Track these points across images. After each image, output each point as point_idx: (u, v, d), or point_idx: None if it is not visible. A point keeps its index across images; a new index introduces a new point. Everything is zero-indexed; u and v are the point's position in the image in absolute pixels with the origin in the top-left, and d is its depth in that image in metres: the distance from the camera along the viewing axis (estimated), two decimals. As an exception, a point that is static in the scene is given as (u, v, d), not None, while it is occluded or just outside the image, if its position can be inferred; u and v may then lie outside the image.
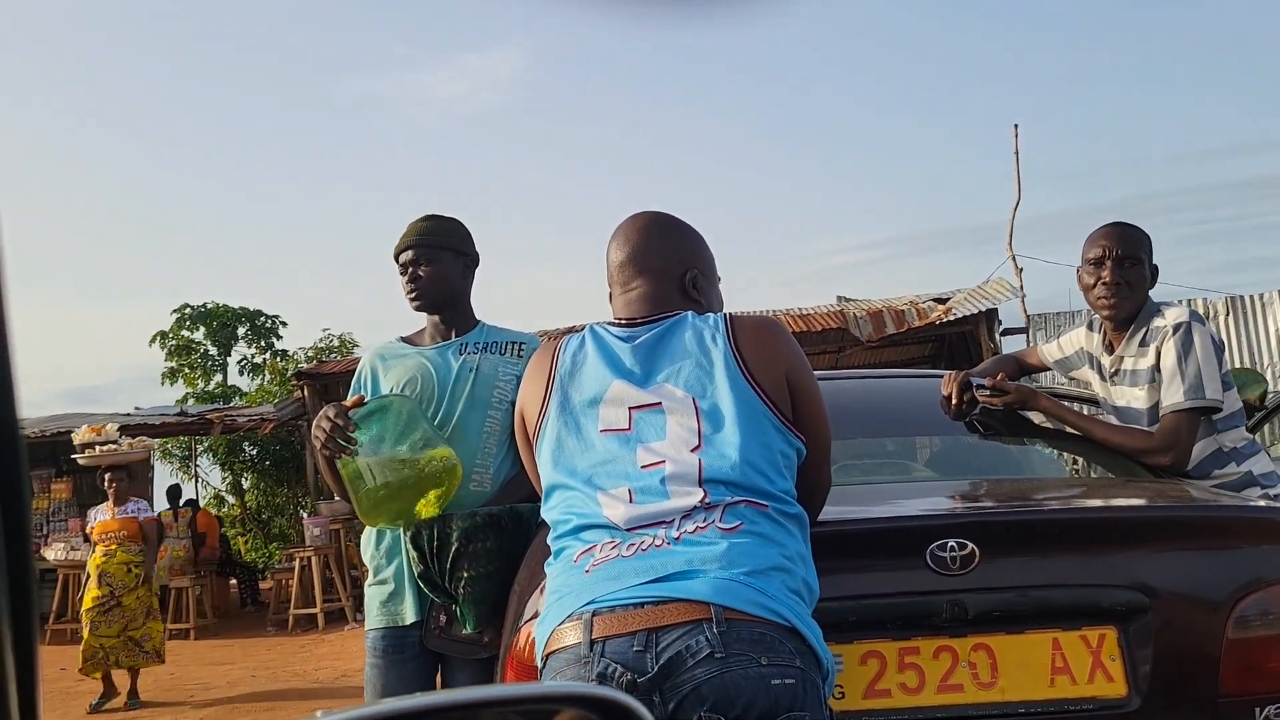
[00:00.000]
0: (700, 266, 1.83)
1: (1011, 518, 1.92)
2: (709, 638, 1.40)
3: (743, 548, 1.49)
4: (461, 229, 2.57)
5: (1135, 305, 2.54)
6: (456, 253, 2.53)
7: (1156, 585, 1.75)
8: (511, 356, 2.50)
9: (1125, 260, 2.51)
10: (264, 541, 16.58)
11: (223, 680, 7.92)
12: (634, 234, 1.83)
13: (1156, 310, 2.53)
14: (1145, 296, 2.55)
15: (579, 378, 1.70)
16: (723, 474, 1.55)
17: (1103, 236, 2.56)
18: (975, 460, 2.84)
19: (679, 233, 1.85)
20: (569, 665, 1.46)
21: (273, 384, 17.72)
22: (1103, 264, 2.53)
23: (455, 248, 2.53)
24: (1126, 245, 2.52)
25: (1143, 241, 2.56)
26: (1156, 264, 2.58)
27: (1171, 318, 2.47)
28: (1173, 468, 2.40)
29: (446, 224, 2.56)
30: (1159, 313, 2.52)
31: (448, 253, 2.51)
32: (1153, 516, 1.96)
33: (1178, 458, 2.40)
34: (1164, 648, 1.73)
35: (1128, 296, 2.52)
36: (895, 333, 10.68)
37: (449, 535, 2.22)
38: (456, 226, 2.57)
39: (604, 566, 1.52)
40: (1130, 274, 2.51)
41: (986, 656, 1.73)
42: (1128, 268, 2.51)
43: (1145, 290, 2.55)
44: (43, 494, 11.73)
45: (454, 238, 2.54)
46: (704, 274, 1.84)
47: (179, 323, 20.78)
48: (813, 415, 1.68)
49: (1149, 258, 2.56)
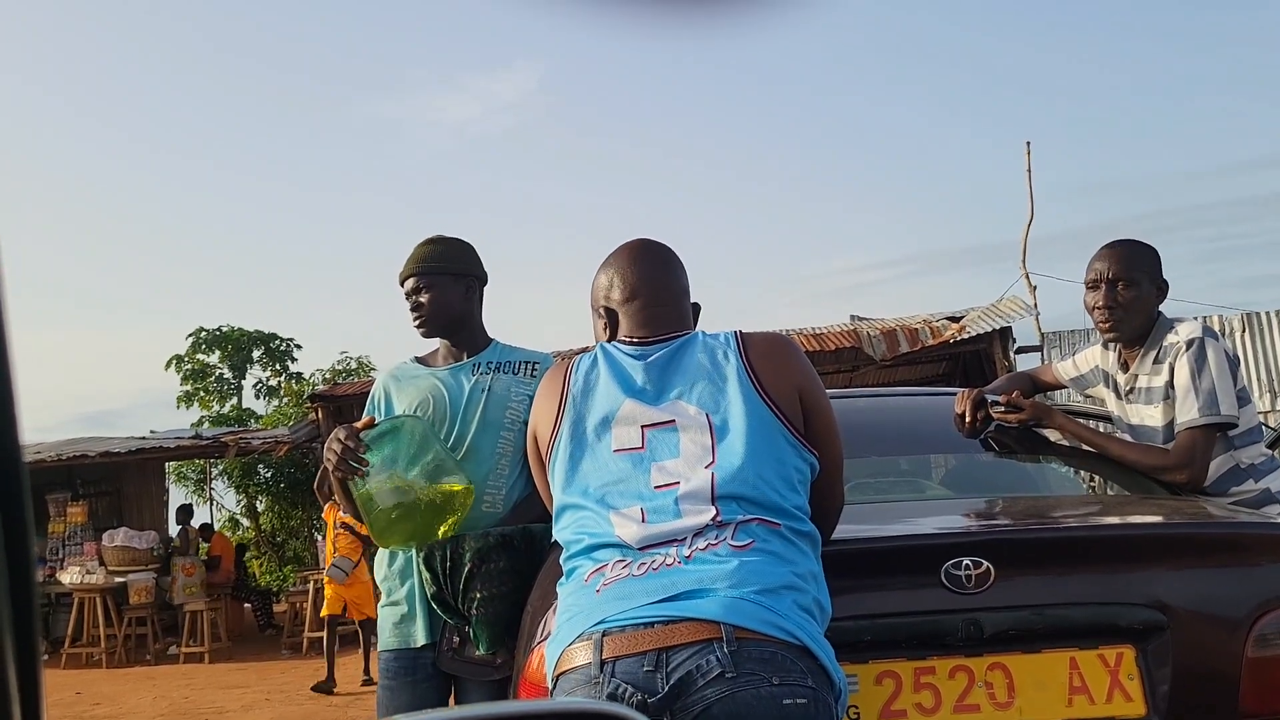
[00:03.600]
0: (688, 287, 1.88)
1: (1027, 536, 1.90)
2: (719, 657, 1.39)
3: (754, 566, 1.48)
4: (462, 251, 2.56)
5: (1135, 326, 2.52)
6: (458, 276, 2.52)
7: (1174, 603, 1.73)
8: (524, 376, 2.49)
9: (1118, 282, 2.50)
10: (278, 564, 16.58)
11: (237, 703, 7.91)
12: (638, 257, 1.85)
13: (1169, 326, 2.51)
14: (1149, 315, 2.53)
15: (591, 397, 1.70)
16: (735, 490, 1.54)
17: (1098, 259, 2.55)
18: (990, 478, 2.82)
19: (674, 256, 1.90)
20: (579, 686, 1.45)
21: (288, 406, 17.78)
22: (1098, 287, 2.53)
23: (456, 271, 2.52)
24: (1120, 267, 2.50)
25: (1140, 261, 2.53)
26: (1166, 280, 2.55)
27: (1184, 333, 2.45)
28: (1189, 485, 2.37)
29: (446, 247, 2.54)
30: (1172, 329, 2.50)
31: (447, 277, 2.50)
32: (1170, 534, 1.94)
33: (1194, 475, 2.37)
34: (1183, 666, 1.71)
35: (1123, 319, 2.51)
36: (909, 351, 10.64)
37: (462, 556, 2.21)
38: (457, 249, 2.56)
39: (614, 586, 1.51)
40: (1125, 296, 2.49)
41: (1003, 676, 1.71)
42: (1121, 290, 2.50)
43: (1147, 309, 2.52)
44: (58, 518, 11.73)
45: (454, 261, 2.53)
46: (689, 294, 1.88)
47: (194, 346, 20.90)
48: (825, 431, 1.67)
49: (1150, 276, 2.52)
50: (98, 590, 10.55)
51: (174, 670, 9.93)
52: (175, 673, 9.76)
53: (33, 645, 0.52)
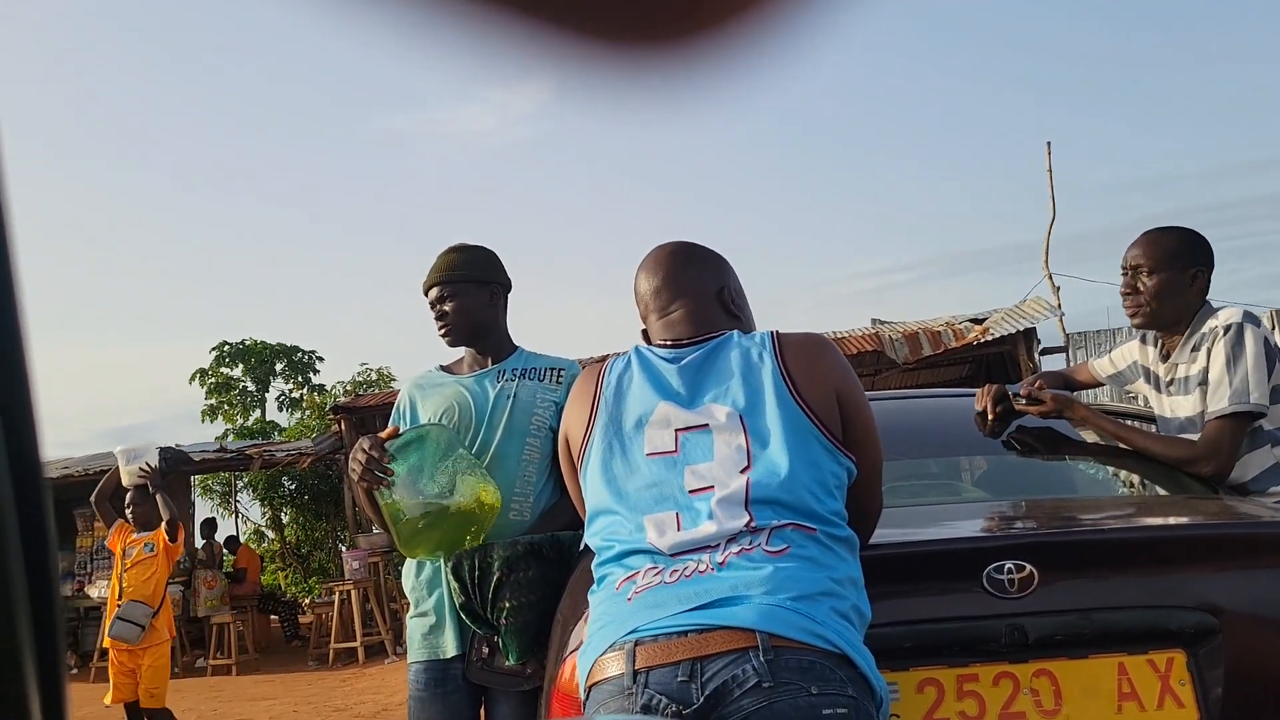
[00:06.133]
0: (733, 285, 1.84)
1: (1071, 538, 1.85)
2: (755, 667, 1.35)
3: (789, 572, 1.44)
4: (484, 258, 2.55)
5: (1164, 314, 2.47)
6: (481, 283, 2.51)
7: (1226, 606, 1.67)
8: (550, 383, 2.47)
9: (1146, 271, 2.46)
10: (303, 576, 16.63)
11: (264, 715, 7.91)
12: (664, 260, 1.83)
13: (1210, 313, 2.45)
14: (1181, 303, 2.47)
15: (624, 400, 1.67)
16: (770, 495, 1.50)
17: (1131, 247, 2.52)
18: (1025, 479, 2.76)
19: (708, 255, 1.86)
20: (612, 697, 1.41)
21: (311, 419, 17.86)
22: (1125, 274, 2.51)
23: (479, 279, 2.51)
24: (1149, 256, 2.46)
25: (1173, 249, 2.47)
26: (1206, 266, 2.48)
27: (1223, 319, 2.40)
28: (1215, 477, 2.32)
29: (470, 255, 2.54)
30: (1213, 315, 2.44)
31: (471, 285, 2.50)
32: (1221, 534, 1.88)
33: (1219, 466, 2.31)
34: (1236, 671, 1.65)
35: (1145, 305, 2.47)
36: (932, 354, 10.54)
37: (490, 565, 2.18)
38: (480, 256, 2.55)
39: (646, 594, 1.47)
40: (1147, 283, 2.46)
41: (1049, 683, 1.66)
42: (1144, 277, 2.46)
43: (1178, 299, 2.46)
44: (86, 532, 11.81)
45: (477, 269, 2.52)
46: (738, 291, 1.85)
47: (218, 360, 21.07)
48: (863, 434, 1.63)
49: (1182, 264, 2.46)
50: (125, 604, 10.58)
51: (202, 683, 9.96)
52: (203, 685, 9.79)
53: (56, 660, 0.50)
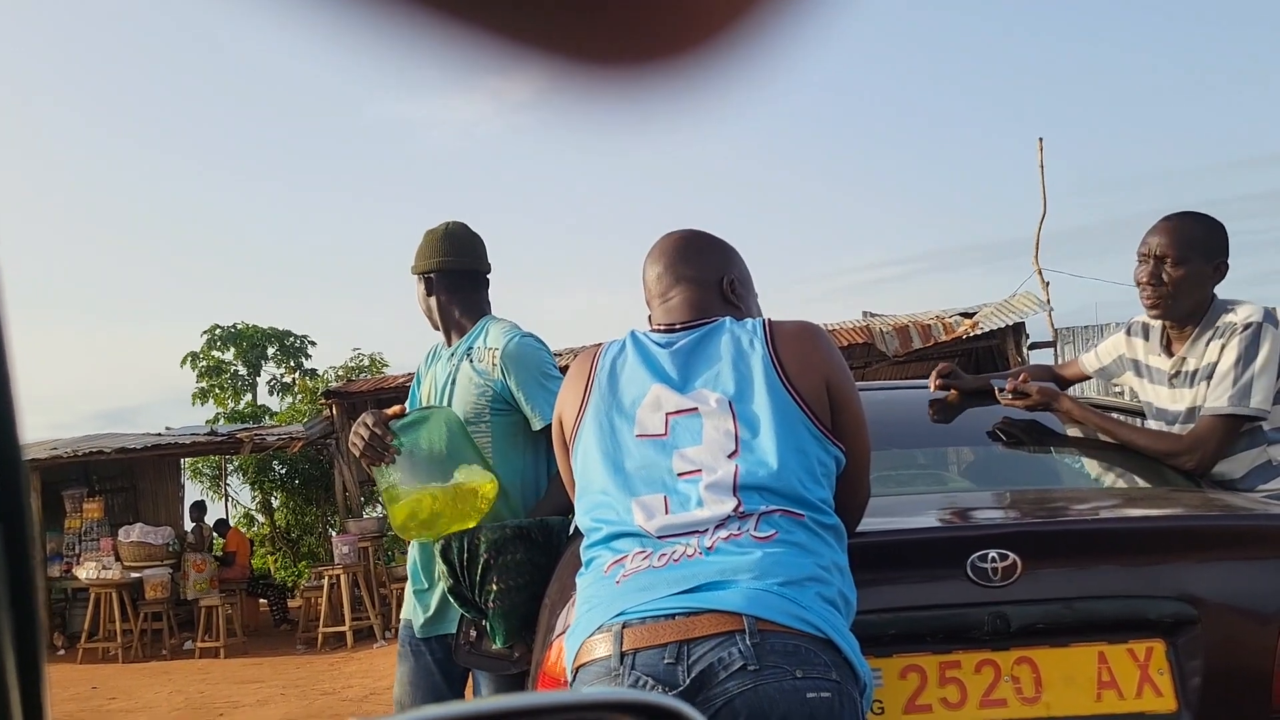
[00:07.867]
0: (736, 274, 1.84)
1: (1054, 528, 1.87)
2: (742, 650, 1.37)
3: (777, 557, 1.45)
4: (439, 243, 2.55)
5: (1183, 307, 2.41)
6: (445, 272, 2.53)
7: (1205, 597, 1.69)
8: (486, 365, 2.43)
9: (1172, 262, 2.37)
10: (293, 560, 16.63)
11: (252, 698, 7.92)
12: (669, 247, 1.84)
13: (1225, 307, 2.40)
14: (1201, 296, 2.41)
15: (618, 382, 1.69)
16: (758, 481, 1.52)
17: (1151, 232, 2.43)
18: (1011, 470, 2.78)
19: (713, 244, 1.86)
20: (599, 678, 1.43)
21: (302, 403, 17.82)
22: (1146, 262, 2.41)
23: (437, 269, 2.53)
24: (1175, 246, 2.38)
25: (1195, 238, 2.40)
26: (1227, 260, 2.42)
27: (1243, 316, 2.34)
28: (1196, 470, 2.30)
29: (428, 244, 2.56)
30: (1229, 310, 2.38)
31: (431, 275, 2.54)
32: (1202, 526, 1.90)
33: (1201, 461, 2.30)
34: (1214, 661, 1.67)
35: (1168, 297, 2.39)
36: (922, 348, 10.58)
37: (478, 548, 2.19)
38: (437, 243, 2.55)
39: (635, 577, 1.49)
40: (1172, 274, 2.37)
41: (1030, 670, 1.68)
42: (1170, 268, 2.38)
43: (1195, 290, 2.40)
44: (75, 514, 11.78)
45: (432, 258, 2.54)
46: (741, 281, 1.84)
47: (209, 343, 20.96)
48: (852, 424, 1.64)
49: (1205, 255, 2.39)
50: (114, 585, 10.60)
51: (189, 665, 9.96)
52: (191, 667, 9.80)
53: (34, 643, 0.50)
